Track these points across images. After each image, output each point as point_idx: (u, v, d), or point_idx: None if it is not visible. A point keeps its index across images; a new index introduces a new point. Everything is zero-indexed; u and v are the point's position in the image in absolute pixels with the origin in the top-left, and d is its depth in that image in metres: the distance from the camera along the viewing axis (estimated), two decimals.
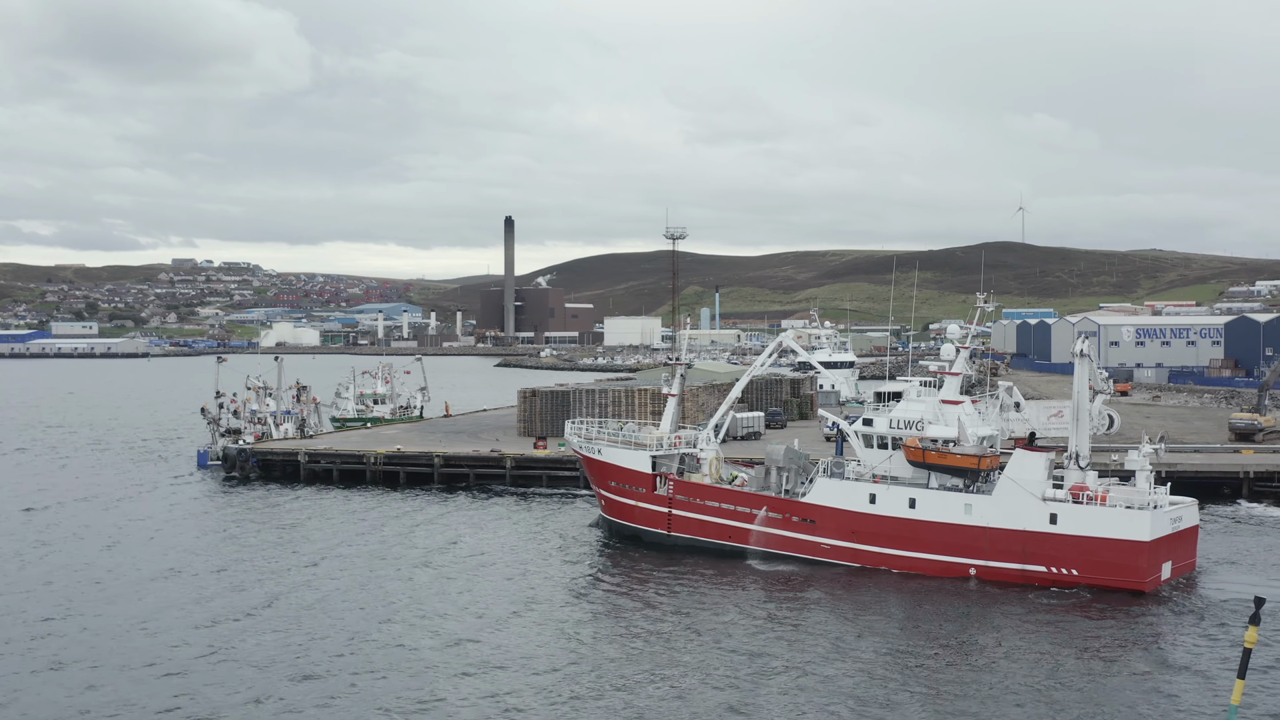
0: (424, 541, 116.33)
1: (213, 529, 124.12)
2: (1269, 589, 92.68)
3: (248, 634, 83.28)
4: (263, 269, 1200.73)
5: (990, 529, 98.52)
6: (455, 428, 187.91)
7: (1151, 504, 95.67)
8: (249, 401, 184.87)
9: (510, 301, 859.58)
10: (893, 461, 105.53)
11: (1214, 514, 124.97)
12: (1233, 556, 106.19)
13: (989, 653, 78.94)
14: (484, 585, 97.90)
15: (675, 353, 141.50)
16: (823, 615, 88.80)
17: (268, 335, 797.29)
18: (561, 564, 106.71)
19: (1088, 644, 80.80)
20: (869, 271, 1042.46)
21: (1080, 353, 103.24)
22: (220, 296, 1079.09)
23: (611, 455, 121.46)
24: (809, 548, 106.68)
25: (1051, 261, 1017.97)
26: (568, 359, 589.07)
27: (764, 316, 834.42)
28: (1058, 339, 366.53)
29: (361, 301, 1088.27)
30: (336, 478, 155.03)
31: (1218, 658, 76.84)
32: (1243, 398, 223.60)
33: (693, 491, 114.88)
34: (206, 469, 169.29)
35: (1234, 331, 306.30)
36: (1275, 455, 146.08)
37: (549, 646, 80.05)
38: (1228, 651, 77.79)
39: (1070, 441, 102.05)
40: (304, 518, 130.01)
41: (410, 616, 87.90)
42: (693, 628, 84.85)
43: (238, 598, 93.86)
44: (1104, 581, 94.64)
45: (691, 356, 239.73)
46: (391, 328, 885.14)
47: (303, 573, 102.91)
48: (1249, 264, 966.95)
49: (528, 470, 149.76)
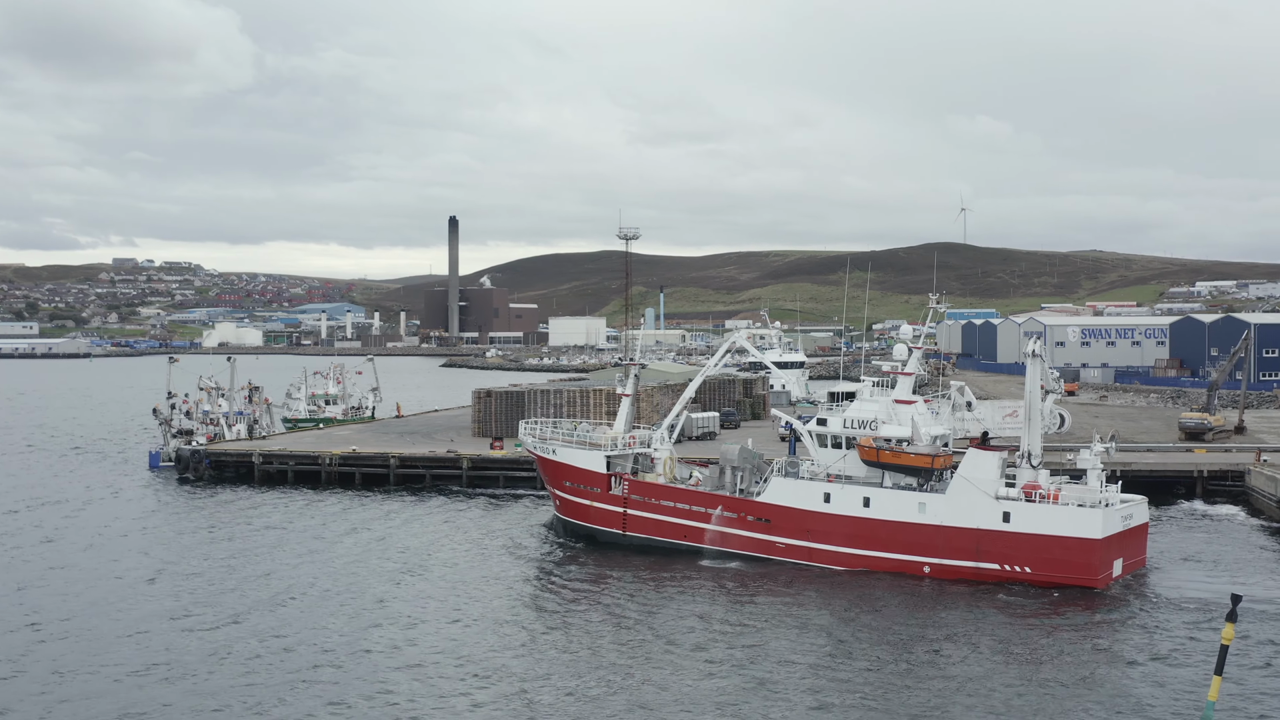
0: (380, 543, 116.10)
1: (171, 533, 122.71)
2: (1218, 585, 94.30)
3: (213, 638, 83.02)
4: (204, 269, 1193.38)
5: (944, 527, 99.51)
6: (408, 428, 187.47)
7: (1103, 502, 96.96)
8: (201, 402, 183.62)
9: (455, 301, 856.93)
10: (847, 461, 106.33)
11: (1167, 513, 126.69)
12: (1182, 554, 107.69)
13: (948, 651, 79.65)
14: (436, 587, 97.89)
15: (629, 353, 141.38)
16: (778, 615, 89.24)
17: (210, 335, 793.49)
18: (516, 564, 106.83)
19: (1050, 642, 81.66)
20: (812, 272, 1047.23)
21: (1033, 353, 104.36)
22: (161, 296, 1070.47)
23: (566, 455, 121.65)
24: (764, 547, 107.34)
25: (993, 262, 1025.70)
26: (513, 359, 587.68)
27: (708, 317, 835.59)
28: (1003, 339, 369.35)
29: (304, 301, 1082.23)
30: (291, 479, 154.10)
31: (1177, 652, 77.90)
32: (1189, 397, 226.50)
33: (648, 491, 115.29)
34: (158, 470, 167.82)
35: (1179, 332, 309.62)
36: (1227, 455, 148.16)
37: (503, 648, 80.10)
38: (1188, 646, 79.06)
39: (1023, 440, 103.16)
40: (259, 520, 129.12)
41: (366, 619, 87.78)
42: (649, 627, 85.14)
43: (200, 602, 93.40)
44: (1057, 579, 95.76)
45: (641, 358, 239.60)
46: (335, 328, 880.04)
47: (259, 576, 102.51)
48: (1189, 265, 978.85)
49: (485, 471, 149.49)
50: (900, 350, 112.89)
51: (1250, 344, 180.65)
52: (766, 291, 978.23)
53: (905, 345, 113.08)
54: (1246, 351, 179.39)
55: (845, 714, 66.61)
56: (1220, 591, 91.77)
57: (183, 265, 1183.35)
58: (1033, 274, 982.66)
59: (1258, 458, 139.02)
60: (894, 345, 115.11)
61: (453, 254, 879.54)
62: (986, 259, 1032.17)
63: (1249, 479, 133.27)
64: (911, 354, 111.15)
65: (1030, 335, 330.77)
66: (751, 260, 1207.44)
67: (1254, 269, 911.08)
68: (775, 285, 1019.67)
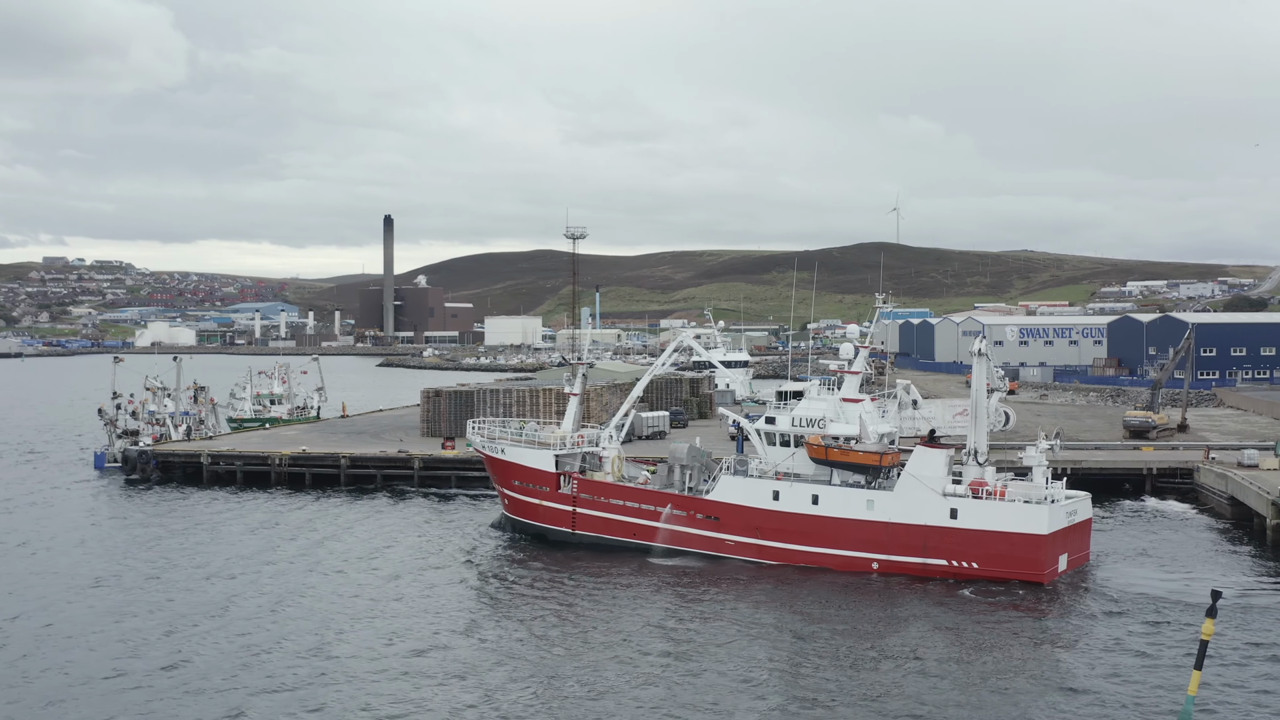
0: (329, 544, 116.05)
1: (121, 535, 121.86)
2: (1165, 581, 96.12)
3: (173, 640, 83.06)
4: (135, 268, 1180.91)
5: (892, 524, 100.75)
6: (355, 428, 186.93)
7: (1049, 498, 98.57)
8: (146, 402, 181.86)
9: (390, 301, 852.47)
10: (795, 459, 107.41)
11: (1116, 509, 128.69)
12: (1128, 549, 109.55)
13: (898, 648, 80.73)
14: (385, 587, 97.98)
15: (577, 352, 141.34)
16: (727, 613, 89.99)
17: (143, 335, 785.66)
18: (464, 564, 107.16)
19: (1001, 639, 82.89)
20: (746, 271, 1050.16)
21: (978, 351, 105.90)
22: (93, 295, 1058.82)
23: (515, 454, 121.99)
24: (713, 544, 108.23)
25: (926, 262, 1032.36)
26: (450, 359, 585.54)
27: (644, 316, 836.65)
28: (941, 338, 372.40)
29: (237, 301, 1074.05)
30: (240, 479, 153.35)
31: (1124, 646, 79.42)
32: (1129, 396, 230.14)
33: (597, 490, 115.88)
34: (104, 471, 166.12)
35: (1117, 331, 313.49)
36: (1176, 453, 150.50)
37: (452, 648, 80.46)
38: (1137, 640, 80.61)
39: (969, 438, 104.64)
40: (209, 522, 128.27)
41: (313, 621, 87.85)
42: (599, 626, 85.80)
43: (149, 606, 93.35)
44: (1004, 574, 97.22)
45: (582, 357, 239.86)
46: (269, 327, 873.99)
47: (211, 578, 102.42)
48: (1119, 265, 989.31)
49: (437, 471, 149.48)
50: (847, 349, 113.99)
51: (1192, 343, 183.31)
52: (701, 291, 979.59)
53: (852, 344, 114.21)
54: (1189, 351, 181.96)
55: (794, 711, 67.25)
56: (1167, 587, 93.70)
57: (114, 264, 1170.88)
58: (965, 274, 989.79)
59: (1206, 455, 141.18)
60: (834, 345, 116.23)
61: (388, 253, 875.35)
62: (920, 259, 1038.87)
63: (1198, 476, 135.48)
64: (858, 353, 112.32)
65: (970, 334, 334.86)
66: (686, 260, 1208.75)
67: (1184, 269, 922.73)
68: (710, 285, 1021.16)
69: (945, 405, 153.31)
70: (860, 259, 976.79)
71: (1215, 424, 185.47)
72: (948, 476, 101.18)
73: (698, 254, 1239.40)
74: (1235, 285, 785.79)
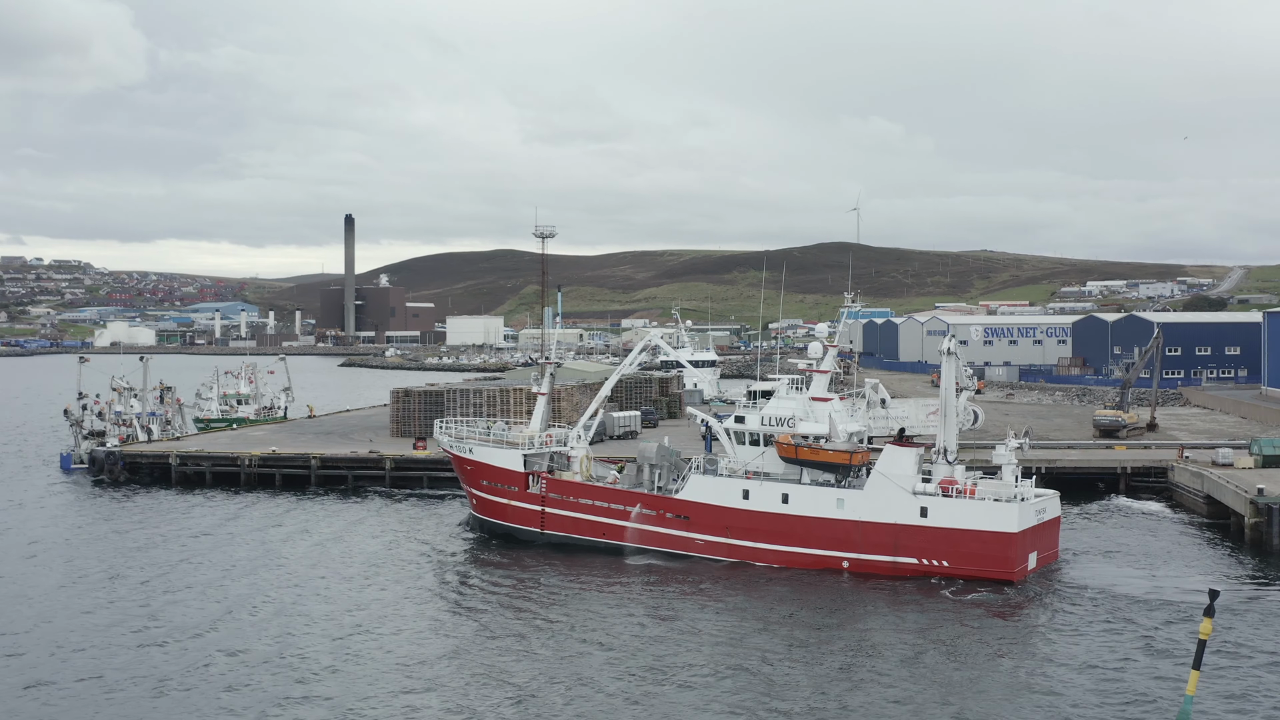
0: (296, 546, 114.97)
1: (90, 537, 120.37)
2: (1135, 579, 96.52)
3: (143, 641, 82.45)
4: (94, 267, 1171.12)
5: (862, 523, 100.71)
6: (323, 428, 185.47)
7: (1019, 496, 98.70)
8: (113, 403, 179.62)
9: (351, 300, 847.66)
10: (765, 458, 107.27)
11: (1089, 508, 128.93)
12: (1098, 547, 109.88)
13: (868, 648, 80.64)
14: (349, 592, 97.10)
15: (545, 352, 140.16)
16: (696, 613, 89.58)
17: (102, 335, 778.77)
18: (431, 565, 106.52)
19: (975, 638, 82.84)
20: (707, 271, 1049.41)
21: (948, 350, 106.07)
22: (51, 295, 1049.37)
23: (483, 454, 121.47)
24: (683, 544, 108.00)
25: (886, 262, 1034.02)
26: (413, 359, 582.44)
27: (606, 316, 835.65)
28: (905, 338, 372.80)
29: (196, 300, 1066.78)
30: (209, 480, 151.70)
31: (1098, 643, 79.56)
32: (1095, 395, 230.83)
33: (566, 489, 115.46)
34: (70, 472, 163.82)
35: (1082, 331, 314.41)
36: (1149, 451, 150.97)
37: (420, 648, 80.00)
38: (1109, 639, 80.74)
39: (939, 436, 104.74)
40: (179, 524, 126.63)
41: (279, 624, 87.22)
42: (568, 627, 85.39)
43: (123, 609, 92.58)
44: (974, 573, 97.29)
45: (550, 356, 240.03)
46: (229, 327, 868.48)
47: (177, 582, 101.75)
48: (1079, 265, 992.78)
49: (408, 471, 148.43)
50: (815, 348, 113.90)
51: (1160, 343, 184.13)
52: (662, 291, 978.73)
53: (820, 343, 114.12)
54: (1157, 350, 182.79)
55: (762, 716, 66.87)
56: (1142, 585, 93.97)
57: (72, 264, 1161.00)
58: (926, 273, 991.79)
59: (1180, 454, 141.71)
60: (796, 344, 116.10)
61: (349, 252, 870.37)
62: (880, 259, 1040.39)
63: (1172, 475, 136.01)
64: (827, 352, 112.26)
65: (935, 334, 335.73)
66: (646, 260, 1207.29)
67: (1143, 269, 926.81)
68: (671, 285, 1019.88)
69: (918, 404, 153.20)
70: (821, 259, 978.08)
71: (1183, 423, 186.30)
72: (918, 475, 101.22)
73: (659, 254, 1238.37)
74: (1195, 285, 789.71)
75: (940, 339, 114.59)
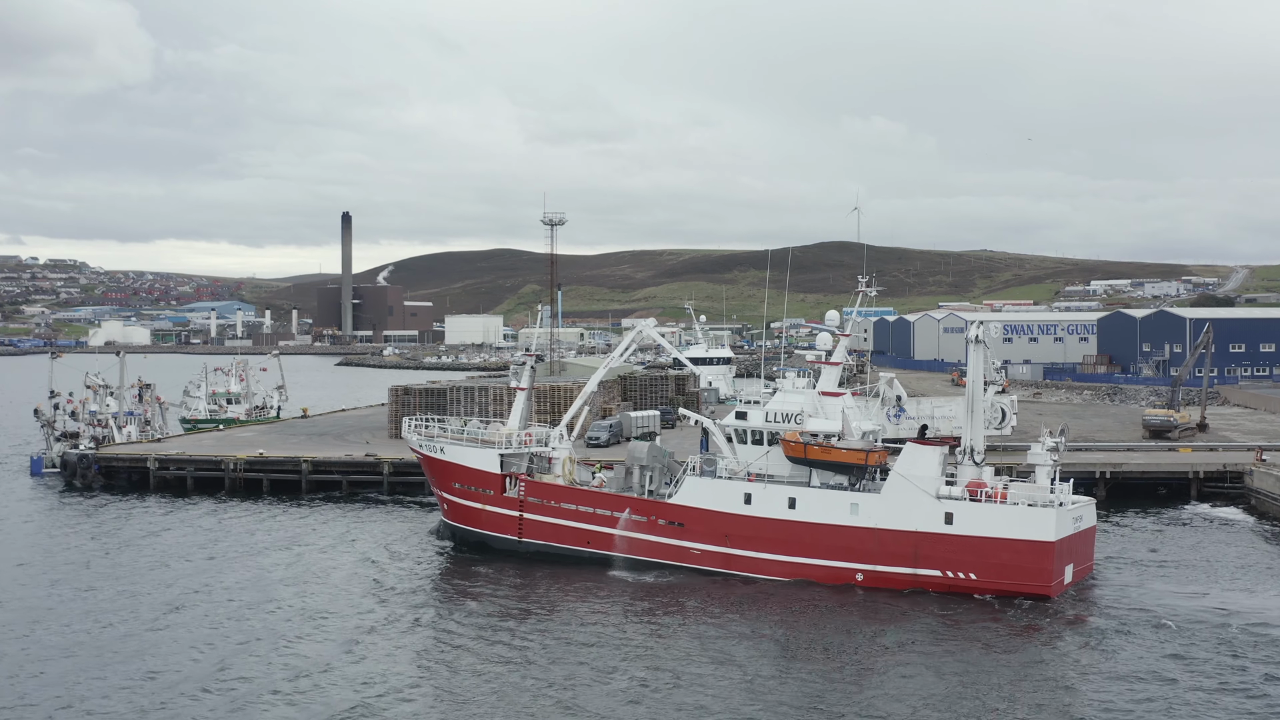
0: (271, 562, 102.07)
1: (55, 548, 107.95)
2: (1173, 595, 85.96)
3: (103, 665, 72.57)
4: (90, 266, 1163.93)
5: (879, 530, 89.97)
6: (317, 429, 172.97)
7: (1056, 501, 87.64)
8: (87, 401, 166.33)
9: (348, 299, 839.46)
10: (769, 458, 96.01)
11: (1165, 515, 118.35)
12: (1124, 556, 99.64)
13: (886, 673, 70.00)
14: (315, 607, 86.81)
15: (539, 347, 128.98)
16: (690, 633, 79.35)
17: (97, 334, 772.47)
18: (398, 577, 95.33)
19: (1003, 663, 72.39)
20: (707, 270, 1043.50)
21: (976, 339, 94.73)
22: (46, 294, 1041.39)
23: (455, 454, 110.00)
24: (677, 553, 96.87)
25: (888, 261, 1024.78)
26: (411, 358, 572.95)
27: (607, 315, 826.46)
28: (920, 335, 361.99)
29: (192, 300, 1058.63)
30: (191, 486, 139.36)
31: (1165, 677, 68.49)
32: (1125, 394, 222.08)
33: (547, 493, 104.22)
34: (41, 477, 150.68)
35: (1108, 328, 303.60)
36: (1219, 454, 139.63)
37: (385, 677, 69.54)
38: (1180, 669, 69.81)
39: (964, 435, 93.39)
40: (155, 535, 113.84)
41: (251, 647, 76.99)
42: (550, 648, 75.21)
43: (91, 624, 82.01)
44: (1006, 587, 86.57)
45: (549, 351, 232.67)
46: (225, 326, 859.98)
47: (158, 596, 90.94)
48: (1080, 264, 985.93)
49: (409, 476, 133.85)
50: (824, 339, 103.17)
51: (1210, 339, 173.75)
52: (662, 290, 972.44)
53: (830, 333, 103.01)
54: (1208, 347, 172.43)
55: None
56: (1170, 601, 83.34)
57: (68, 263, 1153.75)
58: (927, 273, 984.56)
59: (1259, 457, 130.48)
60: (798, 344, 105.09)
61: (346, 251, 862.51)
62: (881, 258, 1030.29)
63: (1251, 479, 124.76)
64: (838, 342, 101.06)
65: (951, 330, 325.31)
66: (646, 259, 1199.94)
67: (1146, 268, 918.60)
68: (671, 284, 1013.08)
69: (955, 403, 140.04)
70: (822, 258, 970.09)
71: (1230, 423, 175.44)
72: (941, 477, 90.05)
73: (658, 253, 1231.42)
74: (1200, 284, 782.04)
75: (957, 336, 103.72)
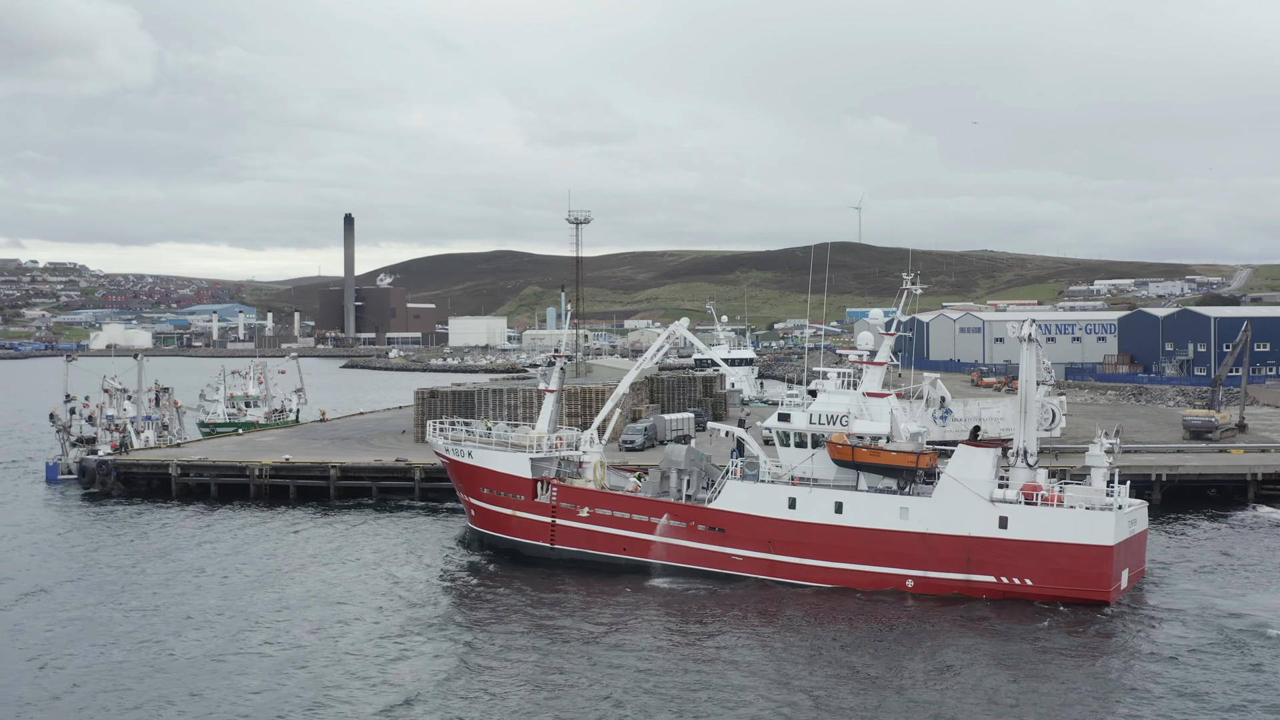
0: (322, 573, 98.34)
1: (77, 558, 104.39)
2: (1222, 597, 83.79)
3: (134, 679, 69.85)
4: (90, 269, 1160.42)
5: (930, 535, 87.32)
6: (338, 433, 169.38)
7: (1115, 505, 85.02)
8: (104, 405, 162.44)
9: (350, 301, 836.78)
10: (814, 461, 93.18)
11: (1227, 519, 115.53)
12: (1170, 560, 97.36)
13: (939, 685, 67.39)
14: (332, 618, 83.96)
15: (568, 347, 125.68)
16: (733, 643, 76.73)
17: (98, 337, 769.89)
18: (424, 588, 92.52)
19: (1065, 672, 69.67)
20: (708, 271, 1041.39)
21: (1029, 337, 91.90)
22: (46, 298, 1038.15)
23: (484, 458, 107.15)
24: (718, 560, 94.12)
25: (889, 261, 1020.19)
26: (417, 360, 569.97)
27: (611, 316, 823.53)
28: (936, 336, 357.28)
29: (193, 302, 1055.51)
30: (214, 493, 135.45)
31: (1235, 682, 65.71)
32: (1151, 393, 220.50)
33: (581, 498, 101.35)
34: (57, 484, 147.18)
35: (1129, 327, 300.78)
36: (1274, 455, 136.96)
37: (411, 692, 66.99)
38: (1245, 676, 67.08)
39: (1016, 436, 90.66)
40: (180, 544, 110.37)
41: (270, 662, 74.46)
42: (591, 661, 72.54)
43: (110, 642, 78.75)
44: (1063, 593, 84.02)
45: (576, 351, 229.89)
46: (226, 329, 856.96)
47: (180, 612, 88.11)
48: (1083, 264, 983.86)
49: (441, 482, 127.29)
50: (866, 338, 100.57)
51: (1248, 338, 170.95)
52: (664, 291, 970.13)
53: (871, 332, 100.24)
54: (1246, 345, 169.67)
55: None
56: (1223, 604, 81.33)
57: (68, 266, 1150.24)
58: (929, 273, 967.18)
59: None
60: (803, 345, 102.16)
61: (348, 253, 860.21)
62: (883, 258, 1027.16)
63: None
64: (882, 342, 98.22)
65: (968, 331, 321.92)
66: (647, 260, 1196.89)
67: (1148, 268, 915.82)
68: (673, 285, 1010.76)
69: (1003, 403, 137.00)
70: (823, 258, 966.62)
71: (1265, 422, 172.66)
72: (994, 480, 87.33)
73: (659, 254, 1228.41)
74: (1204, 283, 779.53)
75: (974, 336, 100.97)
